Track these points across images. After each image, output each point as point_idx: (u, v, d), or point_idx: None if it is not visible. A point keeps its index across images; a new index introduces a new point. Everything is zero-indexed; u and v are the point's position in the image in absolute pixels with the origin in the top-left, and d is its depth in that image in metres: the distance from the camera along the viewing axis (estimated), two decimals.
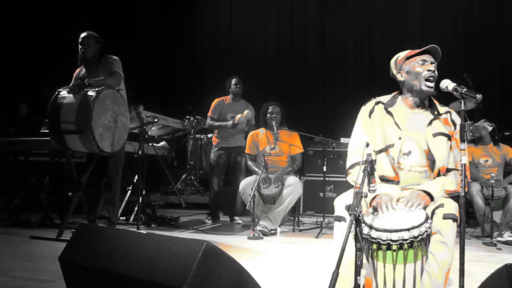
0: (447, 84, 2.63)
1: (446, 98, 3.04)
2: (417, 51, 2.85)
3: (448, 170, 2.79)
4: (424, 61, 2.82)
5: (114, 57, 5.09)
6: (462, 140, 2.49)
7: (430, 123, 2.81)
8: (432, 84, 2.78)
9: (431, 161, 2.78)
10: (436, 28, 9.28)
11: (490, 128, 6.00)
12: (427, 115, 2.85)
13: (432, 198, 2.63)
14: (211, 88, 6.83)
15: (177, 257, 1.85)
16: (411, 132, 2.82)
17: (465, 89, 2.55)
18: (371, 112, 2.92)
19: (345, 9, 9.75)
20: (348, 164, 2.92)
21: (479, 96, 2.51)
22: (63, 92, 4.58)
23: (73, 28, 5.72)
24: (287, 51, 10.06)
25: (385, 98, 2.97)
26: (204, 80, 10.04)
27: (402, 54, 2.93)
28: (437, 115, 2.83)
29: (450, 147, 2.79)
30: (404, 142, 2.81)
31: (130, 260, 1.97)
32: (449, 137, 2.79)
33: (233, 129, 6.46)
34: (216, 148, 6.71)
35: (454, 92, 2.58)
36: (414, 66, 2.83)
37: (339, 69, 9.59)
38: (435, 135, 2.78)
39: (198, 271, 1.77)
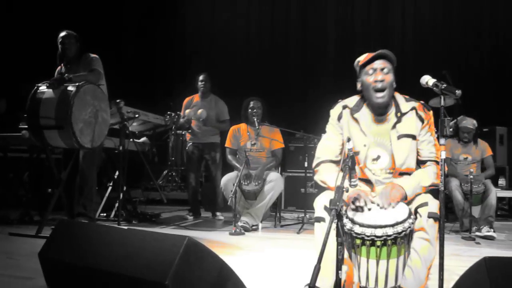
0: (427, 80, 2.65)
1: (427, 94, 3.05)
2: (368, 57, 2.79)
3: (423, 162, 2.82)
4: (374, 70, 2.75)
5: (94, 55, 5.06)
6: (442, 136, 2.51)
7: (394, 126, 2.79)
8: (381, 94, 2.72)
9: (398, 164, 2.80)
10: (416, 20, 9.37)
11: (476, 126, 6.04)
12: (391, 118, 2.81)
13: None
14: (192, 83, 6.79)
15: (159, 252, 1.85)
16: (378, 137, 2.82)
17: (445, 85, 2.57)
18: (339, 117, 2.90)
19: (326, 6, 9.78)
20: (314, 163, 2.94)
21: (458, 92, 2.53)
22: (42, 87, 4.53)
23: (52, 24, 5.66)
24: (268, 47, 10.05)
25: (351, 102, 2.92)
26: (185, 76, 9.98)
27: (360, 58, 2.86)
28: (400, 116, 2.79)
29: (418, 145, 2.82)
30: (372, 148, 2.82)
31: (111, 256, 1.96)
32: (413, 137, 2.78)
33: (185, 123, 6.60)
34: (189, 144, 6.74)
35: (434, 88, 2.60)
36: (365, 77, 2.78)
37: (320, 64, 9.61)
38: (399, 137, 2.77)
39: (180, 266, 1.77)
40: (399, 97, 2.85)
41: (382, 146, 2.81)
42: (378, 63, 2.75)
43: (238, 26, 10.24)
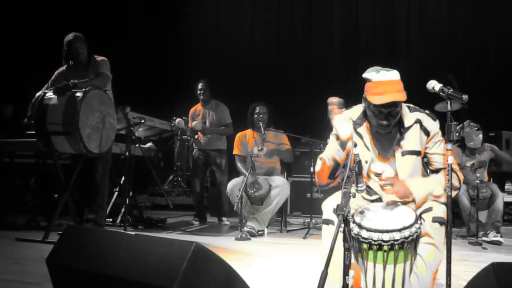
0: (434, 85, 2.65)
1: (433, 99, 3.04)
2: (376, 97, 2.61)
3: (436, 171, 2.79)
4: (380, 112, 2.63)
5: (103, 58, 5.03)
6: (449, 141, 2.51)
7: (398, 143, 2.75)
8: (386, 129, 2.69)
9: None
10: (421, 25, 9.38)
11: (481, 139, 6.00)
12: (394, 133, 2.77)
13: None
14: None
15: (166, 258, 1.85)
16: (381, 153, 2.81)
17: (451, 90, 2.57)
18: None
19: (332, 11, 9.79)
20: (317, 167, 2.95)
21: (465, 96, 2.53)
22: (49, 94, 4.54)
23: (58, 28, 5.67)
24: (274, 51, 10.07)
25: (355, 114, 2.85)
26: (191, 81, 9.99)
27: (370, 77, 2.66)
28: (403, 133, 2.73)
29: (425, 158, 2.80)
30: (375, 162, 2.80)
31: (118, 261, 1.96)
32: (418, 153, 2.74)
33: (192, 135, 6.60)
34: (195, 150, 6.74)
35: (441, 93, 2.60)
36: (371, 111, 2.69)
37: (326, 69, 9.62)
38: (403, 154, 2.74)
39: (187, 272, 1.77)
40: (403, 108, 2.76)
41: (386, 161, 2.79)
42: (385, 109, 2.62)
43: (244, 32, 10.26)
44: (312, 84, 9.66)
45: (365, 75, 2.67)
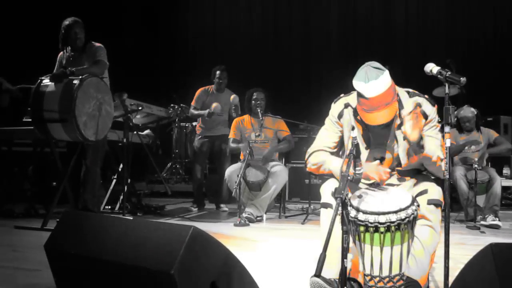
0: (432, 68, 2.63)
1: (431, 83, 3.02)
2: (366, 115, 2.64)
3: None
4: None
5: (99, 44, 5.00)
6: (447, 123, 2.50)
7: (399, 128, 2.70)
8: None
9: (398, 163, 2.78)
10: (419, 10, 9.35)
11: (475, 113, 6.03)
12: (395, 119, 2.73)
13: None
14: (195, 75, 6.80)
15: (164, 242, 1.85)
16: (382, 139, 2.79)
17: (449, 73, 2.55)
18: (340, 115, 2.84)
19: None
20: (306, 155, 2.97)
21: (463, 79, 2.51)
22: (46, 80, 4.52)
23: (55, 15, 5.62)
24: (271, 36, 10.03)
25: (354, 100, 2.78)
26: (189, 68, 9.98)
27: (356, 85, 2.58)
28: (403, 118, 2.61)
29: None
30: (374, 149, 2.79)
31: (116, 246, 1.96)
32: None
33: (209, 118, 6.44)
34: (200, 136, 6.70)
35: (439, 76, 2.58)
36: (359, 106, 2.67)
37: (324, 55, 9.59)
38: (405, 137, 2.65)
39: (185, 256, 1.77)
40: (402, 94, 2.74)
41: (385, 147, 2.78)
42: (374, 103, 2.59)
43: (241, 19, 10.22)
44: (310, 70, 9.64)
45: (354, 83, 2.60)
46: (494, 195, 5.54)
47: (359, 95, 2.58)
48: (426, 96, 2.79)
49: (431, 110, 2.71)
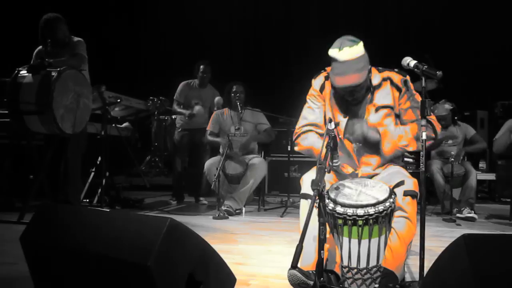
0: (409, 61, 2.65)
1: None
2: (336, 78, 2.71)
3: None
4: (343, 91, 2.75)
5: (79, 38, 4.96)
6: (423, 117, 2.53)
7: (370, 101, 2.81)
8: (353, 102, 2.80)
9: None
10: (399, 7, 9.40)
11: (450, 108, 6.10)
12: (366, 95, 2.82)
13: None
14: (175, 68, 6.75)
15: (141, 234, 1.84)
16: (357, 111, 2.85)
17: (426, 66, 2.58)
18: (322, 87, 2.92)
19: None
20: (295, 133, 2.97)
21: (439, 73, 2.54)
22: (23, 72, 4.46)
23: (33, 9, 5.55)
24: (252, 29, 10.01)
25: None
26: (168, 60, 9.91)
27: (332, 54, 2.70)
28: (373, 90, 2.80)
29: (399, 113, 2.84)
30: (351, 122, 2.83)
31: (93, 238, 1.94)
32: (391, 107, 2.80)
33: (189, 119, 6.45)
34: (179, 129, 6.68)
35: (415, 70, 2.61)
36: (335, 88, 2.81)
37: (304, 49, 9.59)
38: (377, 110, 2.79)
39: (162, 248, 1.77)
40: (373, 71, 2.84)
41: (362, 120, 2.82)
42: (349, 88, 2.71)
43: (221, 11, 10.17)
44: (290, 63, 9.64)
45: (329, 51, 2.71)
46: (470, 188, 5.62)
47: (333, 60, 2.68)
48: (396, 69, 2.87)
49: (401, 80, 2.80)
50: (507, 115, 6.89)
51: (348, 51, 2.63)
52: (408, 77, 2.81)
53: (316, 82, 2.96)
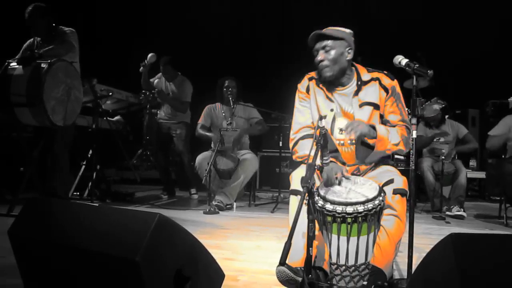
0: (400, 60, 2.67)
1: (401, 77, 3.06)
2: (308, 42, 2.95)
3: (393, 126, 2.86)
4: (316, 50, 2.89)
5: (70, 29, 4.92)
6: (414, 115, 2.54)
7: (356, 93, 2.87)
8: (325, 70, 2.84)
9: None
10: (392, 5, 9.41)
11: (439, 107, 6.12)
12: (352, 87, 2.89)
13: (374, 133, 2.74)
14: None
15: (130, 229, 1.84)
16: (343, 106, 2.89)
17: (417, 65, 2.59)
18: (307, 88, 2.99)
19: None
20: (291, 144, 3.00)
21: (430, 72, 2.55)
22: (13, 64, 4.43)
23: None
24: (245, 22, 9.98)
25: (315, 74, 3.00)
26: (160, 54, 9.86)
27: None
28: (361, 85, 2.87)
29: (384, 113, 2.87)
30: (338, 118, 2.87)
31: (81, 232, 1.94)
32: (375, 106, 2.84)
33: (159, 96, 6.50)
34: (158, 123, 6.70)
35: (407, 68, 2.62)
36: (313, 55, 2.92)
37: (297, 43, 9.57)
38: (361, 105, 2.84)
39: (151, 243, 1.76)
40: (361, 69, 2.93)
41: (347, 115, 2.86)
42: (318, 45, 2.88)
43: (212, 6, 10.13)
44: (283, 59, 9.63)
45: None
46: (460, 186, 5.65)
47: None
48: (385, 71, 2.92)
49: (389, 84, 2.85)
50: (498, 114, 6.92)
51: (330, 29, 2.86)
52: (395, 81, 2.87)
53: (302, 85, 3.04)
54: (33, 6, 4.83)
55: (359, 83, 2.87)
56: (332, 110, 2.88)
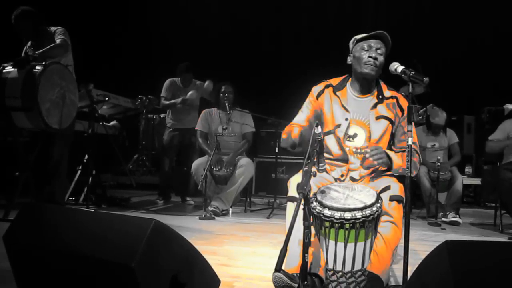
0: (396, 67, 2.68)
1: (398, 82, 3.08)
2: (366, 35, 2.91)
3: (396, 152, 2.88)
4: (370, 46, 2.89)
5: (59, 27, 4.90)
6: (410, 122, 2.55)
7: (374, 106, 2.92)
8: (371, 67, 2.86)
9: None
10: (388, 10, 9.45)
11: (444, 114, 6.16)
12: (372, 99, 2.95)
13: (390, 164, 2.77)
14: (163, 66, 6.71)
15: (126, 235, 1.84)
16: (358, 115, 2.92)
17: (413, 72, 2.60)
18: (319, 94, 3.02)
19: None
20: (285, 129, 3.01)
21: (426, 79, 2.57)
22: (8, 67, 4.42)
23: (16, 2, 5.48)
24: (242, 29, 9.99)
25: (335, 81, 3.05)
26: (157, 59, 9.87)
27: (357, 37, 2.97)
28: (381, 99, 2.93)
29: (395, 132, 2.94)
30: (351, 125, 2.90)
31: (77, 238, 1.94)
32: (391, 121, 2.90)
33: (182, 105, 6.42)
34: (170, 129, 6.64)
35: (403, 75, 2.63)
36: (359, 51, 2.91)
37: (294, 50, 9.60)
38: (377, 118, 2.90)
39: (146, 249, 1.76)
40: (383, 85, 3.00)
41: (360, 124, 2.91)
42: (375, 42, 2.90)
43: (210, 9, 10.14)
44: (278, 65, 9.64)
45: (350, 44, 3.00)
46: (456, 192, 5.66)
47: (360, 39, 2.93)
48: (402, 93, 3.02)
49: (405, 105, 2.92)
50: (494, 121, 6.94)
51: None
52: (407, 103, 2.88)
53: (316, 89, 3.07)
54: (17, 10, 4.81)
55: (380, 97, 2.94)
56: (346, 119, 2.92)
